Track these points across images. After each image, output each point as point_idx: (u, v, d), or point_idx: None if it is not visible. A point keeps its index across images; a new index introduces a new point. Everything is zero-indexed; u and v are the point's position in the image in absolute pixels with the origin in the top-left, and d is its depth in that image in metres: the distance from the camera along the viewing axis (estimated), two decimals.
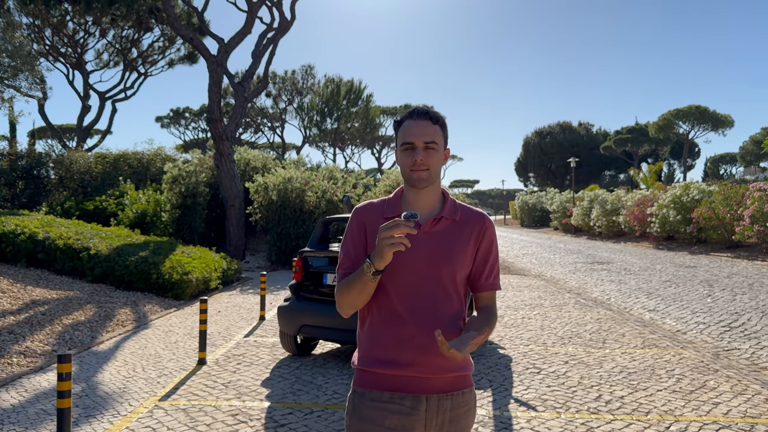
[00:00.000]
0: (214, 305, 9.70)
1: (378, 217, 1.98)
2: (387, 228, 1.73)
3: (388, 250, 1.74)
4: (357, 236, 2.00)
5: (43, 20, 25.37)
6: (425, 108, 1.98)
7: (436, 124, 1.96)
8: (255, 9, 17.75)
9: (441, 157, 1.96)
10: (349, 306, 1.93)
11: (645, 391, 5.16)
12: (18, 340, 6.62)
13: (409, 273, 1.92)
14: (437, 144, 1.94)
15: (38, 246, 10.58)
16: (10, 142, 22.22)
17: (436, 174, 1.96)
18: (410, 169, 1.93)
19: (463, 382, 1.98)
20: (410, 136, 1.93)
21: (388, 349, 1.93)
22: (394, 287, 1.92)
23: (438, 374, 1.92)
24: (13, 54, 17.04)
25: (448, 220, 1.98)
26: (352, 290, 1.88)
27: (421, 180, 1.93)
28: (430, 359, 1.89)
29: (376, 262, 1.77)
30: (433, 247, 1.94)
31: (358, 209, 2.05)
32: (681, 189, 22.02)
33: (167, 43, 28.68)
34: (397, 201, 2.02)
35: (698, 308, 9.34)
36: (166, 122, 52.30)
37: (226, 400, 4.98)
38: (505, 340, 7.20)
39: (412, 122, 1.95)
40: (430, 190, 1.98)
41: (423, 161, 1.91)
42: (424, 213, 1.98)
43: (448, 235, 1.97)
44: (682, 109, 49.53)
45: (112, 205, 17.52)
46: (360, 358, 1.99)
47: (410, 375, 1.91)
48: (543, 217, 42.88)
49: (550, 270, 15.65)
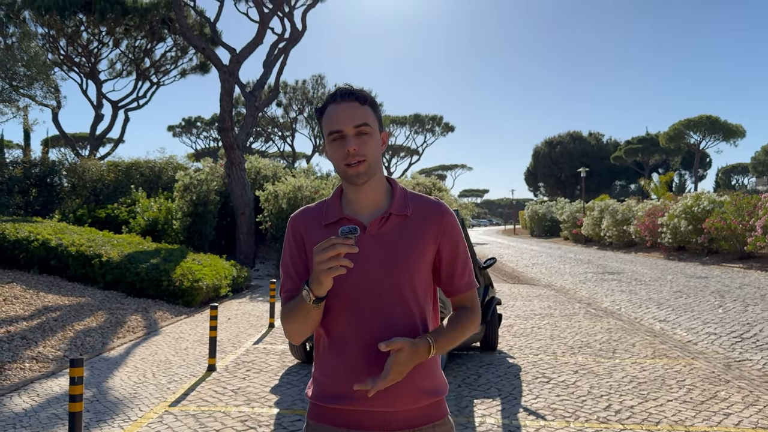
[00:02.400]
0: (224, 312, 9.74)
1: (316, 226, 1.69)
2: (321, 250, 1.45)
3: (325, 276, 1.46)
4: (295, 252, 1.71)
5: (58, 30, 25.69)
6: (349, 87, 1.66)
7: (365, 104, 1.65)
8: (267, 20, 17.91)
9: (378, 142, 1.65)
10: (296, 334, 1.64)
11: (655, 401, 5.14)
12: (30, 346, 6.68)
13: (356, 289, 1.62)
14: (370, 127, 1.63)
15: (51, 253, 10.68)
16: (25, 150, 22.44)
17: (376, 164, 1.65)
18: (344, 163, 1.62)
19: (434, 413, 1.67)
20: (337, 123, 1.62)
21: (339, 381, 1.63)
22: (340, 307, 1.63)
23: (404, 406, 1.62)
24: (28, 63, 17.26)
25: (398, 217, 1.67)
26: (297, 318, 1.59)
27: (360, 175, 1.61)
28: (390, 389, 1.58)
29: (315, 289, 1.49)
30: (383, 254, 1.63)
31: (293, 218, 1.75)
32: (692, 199, 21.90)
33: (180, 53, 28.93)
34: (336, 203, 1.71)
35: (709, 319, 9.28)
36: (178, 131, 52.74)
37: (236, 407, 5.00)
38: (515, 350, 7.18)
39: (336, 107, 1.64)
40: (373, 184, 1.67)
41: (357, 150, 1.60)
42: (369, 212, 1.68)
43: (401, 236, 1.65)
44: (693, 119, 49.36)
45: (123, 212, 17.66)
46: (313, 390, 1.70)
47: (370, 410, 1.61)
48: (553, 227, 42.74)
49: (560, 280, 15.60)
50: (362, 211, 1.69)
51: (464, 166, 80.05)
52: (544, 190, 67.41)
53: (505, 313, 9.60)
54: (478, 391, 5.47)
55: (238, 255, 17.04)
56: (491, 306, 7.02)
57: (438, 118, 54.44)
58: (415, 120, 53.97)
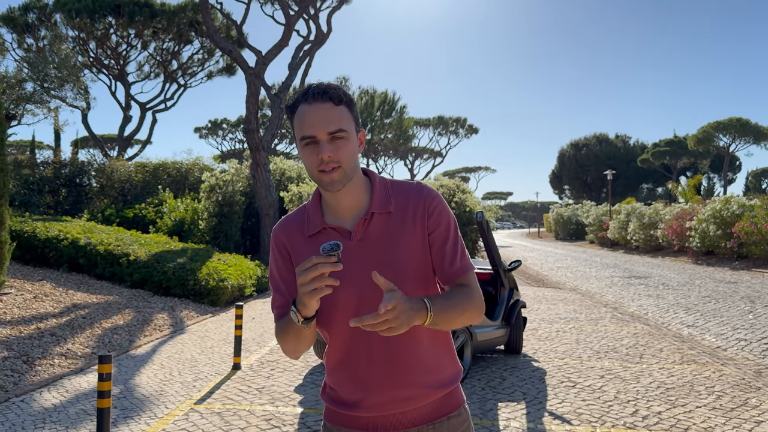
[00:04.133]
0: (248, 312, 9.81)
1: (299, 237, 1.63)
2: (303, 271, 1.37)
3: (309, 299, 1.39)
4: (282, 265, 1.64)
5: (88, 33, 26.17)
6: (322, 85, 1.53)
7: (340, 104, 1.53)
8: (292, 22, 18.03)
9: (355, 145, 1.55)
10: (292, 351, 1.60)
11: (683, 408, 5.05)
12: (60, 342, 6.80)
13: (346, 303, 1.56)
14: (347, 132, 1.52)
15: (80, 251, 10.87)
16: (55, 150, 22.89)
17: (353, 168, 1.55)
18: (318, 170, 1.52)
19: (448, 404, 1.65)
20: (309, 127, 1.50)
21: (349, 392, 1.62)
22: (341, 320, 1.57)
23: (414, 406, 1.60)
24: (59, 65, 17.62)
25: (381, 215, 1.59)
26: (289, 337, 1.55)
27: (335, 182, 1.52)
28: (398, 393, 1.58)
29: (302, 311, 1.43)
30: (370, 259, 1.55)
31: (275, 230, 1.67)
32: (721, 203, 21.51)
33: (206, 55, 29.27)
34: (316, 210, 1.64)
35: (739, 324, 9.10)
36: (204, 133, 53.32)
37: (260, 405, 5.03)
38: (539, 353, 7.12)
39: (308, 107, 1.51)
40: (351, 187, 1.58)
41: (332, 157, 1.50)
42: (351, 215, 1.60)
43: (388, 233, 1.58)
44: (723, 121, 48.45)
45: (151, 212, 17.90)
46: (326, 394, 1.70)
47: (382, 415, 1.60)
48: (578, 230, 42.28)
49: (585, 284, 15.43)
50: (344, 215, 1.62)
51: (488, 168, 79.80)
52: (570, 193, 66.74)
53: (529, 317, 9.52)
54: (503, 395, 5.43)
55: (263, 255, 17.16)
56: (516, 309, 6.96)
57: (462, 120, 54.30)
58: (438, 122, 53.89)
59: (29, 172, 19.04)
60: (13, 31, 25.67)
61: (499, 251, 6.69)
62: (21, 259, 10.86)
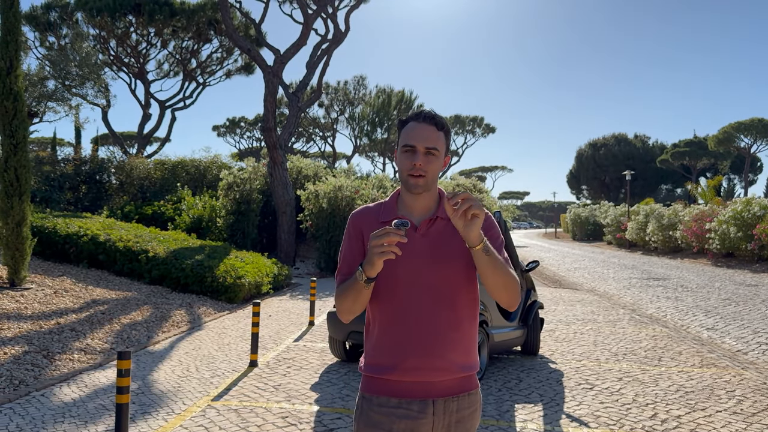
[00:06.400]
0: (265, 309, 9.86)
1: (373, 222, 1.97)
2: (377, 236, 1.72)
3: (378, 259, 1.73)
4: (354, 242, 2.00)
5: (109, 32, 26.43)
6: (431, 112, 1.94)
7: (441, 130, 1.92)
8: (310, 21, 18.07)
9: (440, 163, 1.93)
10: (346, 312, 1.92)
11: (703, 411, 4.99)
12: (79, 338, 6.88)
13: (405, 278, 1.90)
14: (438, 151, 1.90)
15: (99, 248, 10.99)
16: (75, 148, 23.14)
17: (433, 180, 1.93)
18: (408, 173, 1.90)
19: (468, 384, 1.97)
20: (412, 138, 1.89)
21: (390, 355, 1.91)
22: (391, 293, 1.91)
23: (443, 377, 1.91)
24: (80, 64, 17.81)
25: (443, 221, 1.94)
26: (348, 297, 1.88)
27: (418, 186, 1.90)
28: (434, 362, 1.89)
29: (367, 270, 1.77)
30: (429, 250, 1.91)
31: (355, 214, 2.05)
32: (742, 204, 21.21)
33: (225, 54, 29.44)
34: (393, 205, 2.01)
35: (760, 328, 8.97)
36: (223, 131, 53.63)
37: (277, 403, 5.05)
38: (557, 355, 7.07)
39: (416, 125, 1.91)
40: (427, 195, 1.96)
41: (422, 166, 1.88)
42: (419, 215, 1.96)
43: (445, 234, 1.93)
44: (744, 122, 47.74)
45: (169, 209, 18.05)
46: (366, 364, 1.98)
47: (415, 380, 1.90)
48: (596, 230, 41.94)
49: (603, 285, 15.30)
50: (414, 214, 1.97)
51: (505, 168, 79.48)
52: (587, 193, 66.20)
53: (546, 318, 9.46)
54: (519, 396, 5.40)
55: (279, 253, 17.23)
56: (533, 309, 6.92)
57: (479, 119, 54.05)
58: (455, 121, 53.68)
59: (50, 168, 19.28)
60: (35, 29, 25.99)
61: (516, 251, 6.65)
62: (41, 255, 11.01)
